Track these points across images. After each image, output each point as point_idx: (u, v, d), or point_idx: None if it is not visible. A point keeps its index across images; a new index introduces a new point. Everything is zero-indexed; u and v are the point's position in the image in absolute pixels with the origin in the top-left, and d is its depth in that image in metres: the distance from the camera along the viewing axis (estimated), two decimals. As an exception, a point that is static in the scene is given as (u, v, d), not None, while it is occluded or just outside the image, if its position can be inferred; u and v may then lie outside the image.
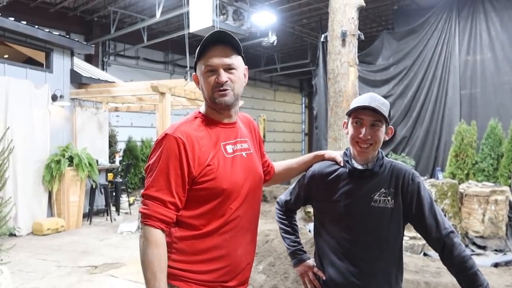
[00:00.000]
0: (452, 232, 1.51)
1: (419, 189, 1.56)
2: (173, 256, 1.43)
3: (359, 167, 1.59)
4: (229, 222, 1.46)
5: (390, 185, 1.55)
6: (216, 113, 1.52)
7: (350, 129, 1.59)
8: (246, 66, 1.58)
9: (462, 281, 1.45)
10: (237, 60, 1.50)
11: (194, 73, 1.55)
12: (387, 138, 1.61)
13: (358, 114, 1.55)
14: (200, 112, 1.54)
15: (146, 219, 1.36)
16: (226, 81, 1.45)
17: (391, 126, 1.63)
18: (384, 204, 1.53)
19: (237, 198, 1.47)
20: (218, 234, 1.45)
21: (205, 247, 1.44)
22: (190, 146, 1.40)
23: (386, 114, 1.54)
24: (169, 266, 1.42)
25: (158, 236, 1.35)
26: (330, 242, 1.61)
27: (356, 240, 1.55)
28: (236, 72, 1.49)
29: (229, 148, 1.50)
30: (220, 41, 1.47)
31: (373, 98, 1.56)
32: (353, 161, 1.61)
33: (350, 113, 1.58)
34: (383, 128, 1.56)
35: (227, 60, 1.46)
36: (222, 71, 1.45)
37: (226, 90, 1.45)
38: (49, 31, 6.93)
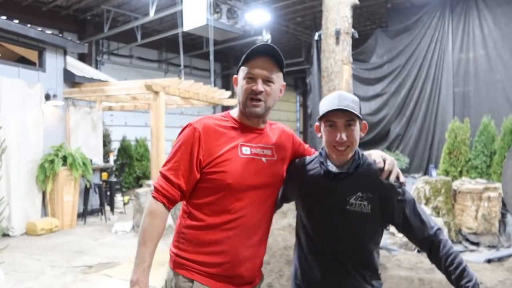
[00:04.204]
0: (438, 229, 1.51)
1: (398, 193, 1.51)
2: (181, 246, 1.55)
3: (334, 169, 1.54)
4: (233, 220, 1.51)
5: (367, 189, 1.50)
6: (245, 118, 1.61)
7: (325, 134, 1.53)
8: (284, 83, 1.66)
9: (452, 277, 1.44)
10: (277, 76, 1.58)
11: (236, 75, 1.64)
12: (362, 135, 1.56)
13: (330, 117, 1.49)
14: (229, 114, 1.65)
15: (153, 191, 1.52)
16: (261, 91, 1.54)
17: (365, 121, 1.57)
18: (360, 209, 1.49)
19: (244, 197, 1.52)
20: (221, 230, 1.51)
21: (208, 240, 1.51)
22: (205, 137, 1.52)
23: (358, 112, 1.48)
24: (176, 255, 1.54)
25: (158, 209, 1.49)
26: (307, 239, 1.61)
27: (330, 241, 1.54)
28: (273, 85, 1.57)
29: (246, 150, 1.56)
30: (268, 54, 1.56)
31: (342, 98, 1.50)
32: (328, 163, 1.56)
33: (322, 117, 1.52)
34: (358, 126, 1.51)
35: (267, 73, 1.55)
36: (260, 81, 1.54)
37: (259, 101, 1.54)
38: (41, 30, 6.88)
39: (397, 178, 1.53)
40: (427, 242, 1.50)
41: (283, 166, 1.68)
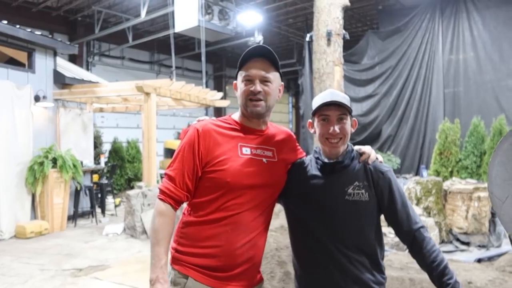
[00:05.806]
0: (422, 227, 1.55)
1: (390, 182, 1.58)
2: (180, 241, 1.59)
3: (330, 161, 1.61)
4: (230, 216, 1.54)
5: (363, 178, 1.58)
6: (246, 119, 1.66)
7: (318, 128, 1.61)
8: (282, 83, 1.70)
9: (433, 274, 1.49)
10: (273, 75, 1.63)
11: (235, 81, 1.68)
12: (353, 131, 1.64)
13: (323, 111, 1.57)
14: (231, 117, 1.70)
15: (159, 193, 1.56)
16: (260, 91, 1.58)
17: (355, 118, 1.67)
18: (359, 197, 1.55)
19: (242, 196, 1.55)
20: (218, 225, 1.54)
21: (205, 235, 1.55)
22: (205, 138, 1.57)
23: (349, 107, 1.58)
24: (175, 250, 1.59)
25: (166, 209, 1.53)
26: (305, 237, 1.62)
27: (331, 233, 1.55)
28: (271, 85, 1.61)
29: (246, 150, 1.60)
30: (261, 55, 1.61)
31: (334, 94, 1.59)
32: (323, 157, 1.64)
33: (315, 112, 1.60)
34: (349, 121, 1.60)
35: (264, 73, 1.59)
36: (257, 82, 1.58)
37: (259, 100, 1.58)
38: (31, 31, 6.80)
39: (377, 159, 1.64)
40: (409, 236, 1.55)
41: (284, 168, 1.70)
